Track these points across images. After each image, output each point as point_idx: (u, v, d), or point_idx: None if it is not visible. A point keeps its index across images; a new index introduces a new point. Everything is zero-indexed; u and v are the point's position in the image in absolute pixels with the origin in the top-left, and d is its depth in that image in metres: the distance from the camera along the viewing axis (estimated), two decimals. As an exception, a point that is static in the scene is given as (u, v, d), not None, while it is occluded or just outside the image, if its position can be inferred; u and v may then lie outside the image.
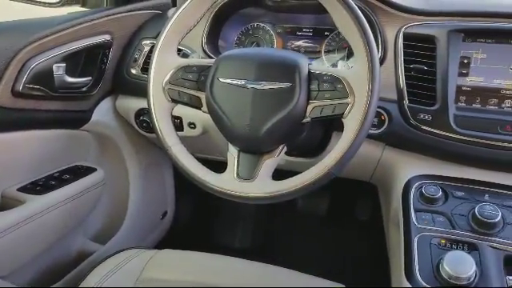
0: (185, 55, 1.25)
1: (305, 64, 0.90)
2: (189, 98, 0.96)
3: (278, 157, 0.95)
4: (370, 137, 1.11)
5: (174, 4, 1.50)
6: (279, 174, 0.93)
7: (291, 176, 0.89)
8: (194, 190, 0.99)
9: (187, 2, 0.95)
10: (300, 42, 1.32)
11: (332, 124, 1.16)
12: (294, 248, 1.87)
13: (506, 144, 1.00)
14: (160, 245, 1.78)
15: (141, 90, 1.14)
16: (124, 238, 1.52)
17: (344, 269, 1.75)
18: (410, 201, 1.03)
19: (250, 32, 1.36)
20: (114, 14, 1.31)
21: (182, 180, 0.98)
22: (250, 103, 0.89)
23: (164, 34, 0.97)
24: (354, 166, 1.12)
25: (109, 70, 1.32)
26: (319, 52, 1.30)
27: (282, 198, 0.89)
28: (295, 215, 1.95)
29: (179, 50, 1.24)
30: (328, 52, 1.29)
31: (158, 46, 0.97)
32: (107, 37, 1.28)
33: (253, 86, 0.89)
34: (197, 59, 1.18)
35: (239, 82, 0.90)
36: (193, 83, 0.95)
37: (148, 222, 1.69)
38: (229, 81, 0.91)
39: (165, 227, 1.82)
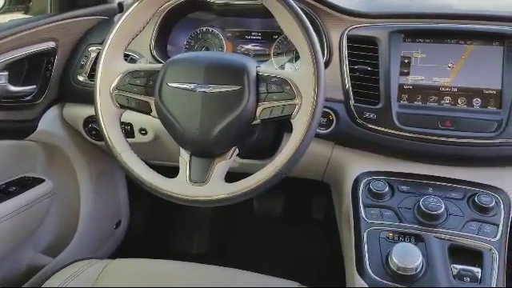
0: (132, 60, 1.24)
1: (253, 67, 0.91)
2: (137, 103, 0.95)
3: (230, 159, 0.96)
4: (320, 136, 1.14)
5: (121, 9, 1.48)
6: (235, 177, 0.93)
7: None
8: (149, 196, 0.97)
9: (132, 8, 0.95)
10: (249, 46, 1.34)
11: (283, 125, 1.18)
12: (251, 250, 1.88)
13: (445, 138, 1.05)
14: (115, 255, 1.73)
15: (88, 97, 1.11)
16: (76, 250, 1.48)
17: (302, 268, 1.77)
18: (359, 197, 1.06)
19: (200, 36, 1.36)
20: (58, 21, 1.28)
21: (136, 187, 0.97)
22: (199, 107, 0.89)
23: (110, 40, 0.95)
24: (306, 166, 1.14)
25: (54, 77, 1.29)
26: (268, 55, 1.32)
27: (235, 199, 0.89)
28: (252, 217, 1.96)
29: (127, 56, 1.23)
30: (277, 55, 1.31)
31: (104, 52, 0.95)
32: (52, 44, 1.25)
33: (202, 89, 0.89)
34: (144, 64, 1.18)
35: (188, 86, 0.90)
36: (141, 88, 0.95)
37: (101, 232, 1.65)
38: (177, 85, 0.91)
39: (119, 236, 1.78)
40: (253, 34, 1.34)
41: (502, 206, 1.02)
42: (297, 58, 1.27)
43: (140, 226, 1.91)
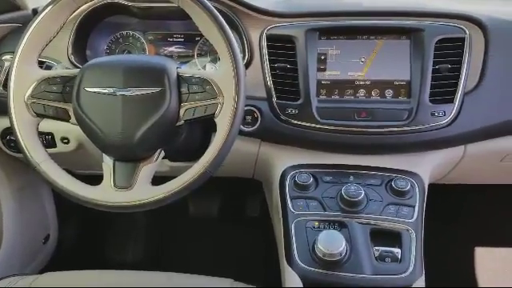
0: (48, 67, 1.20)
1: (173, 68, 0.92)
2: (55, 110, 0.92)
3: (156, 162, 0.95)
4: (246, 134, 1.16)
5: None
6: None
7: None
8: (78, 207, 0.95)
9: (43, 13, 0.92)
10: (172, 48, 1.34)
11: (211, 125, 1.19)
12: (189, 252, 1.87)
13: (362, 129, 1.11)
14: (45, 271, 1.66)
15: (4, 108, 1.07)
16: (1, 269, 1.40)
17: (240, 266, 1.79)
18: (286, 190, 1.10)
19: (120, 40, 1.34)
20: (-34, 30, 1.21)
21: (64, 199, 0.94)
22: (120, 111, 0.88)
23: (21, 46, 0.92)
24: (235, 164, 1.17)
25: None
26: (192, 56, 1.33)
27: (163, 202, 0.89)
28: (188, 220, 1.95)
29: (42, 63, 1.19)
30: (200, 56, 1.32)
31: (16, 60, 0.92)
32: None
33: (122, 92, 0.88)
34: (60, 70, 1.14)
35: (107, 90, 0.89)
36: (58, 95, 0.92)
37: (28, 248, 1.57)
38: (96, 90, 0.89)
39: (49, 251, 1.70)
40: (175, 36, 1.34)
41: (416, 188, 1.10)
42: (219, 58, 1.28)
43: (71, 238, 1.84)
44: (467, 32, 1.12)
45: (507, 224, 1.85)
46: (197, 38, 1.32)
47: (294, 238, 1.01)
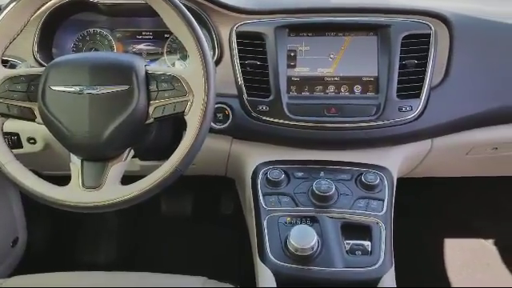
0: (12, 66, 1.17)
1: (141, 65, 0.91)
2: (19, 110, 0.90)
3: (126, 161, 0.94)
4: (218, 132, 1.16)
5: None
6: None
7: None
8: (48, 209, 0.93)
9: (6, 11, 0.90)
10: (141, 46, 1.32)
11: (182, 123, 1.18)
12: (163, 253, 1.86)
13: (331, 125, 1.12)
14: (14, 275, 1.62)
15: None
16: (-33, 275, 1.36)
17: (215, 264, 1.79)
18: (258, 186, 1.11)
19: (87, 38, 1.31)
20: None
21: (33, 201, 0.92)
22: (87, 110, 0.87)
23: None
24: (207, 162, 1.16)
25: None
26: (162, 54, 1.31)
27: (133, 201, 0.89)
28: (161, 219, 1.94)
29: (6, 61, 1.15)
30: (170, 53, 1.31)
31: None
32: None
33: (88, 91, 0.87)
34: (25, 68, 1.12)
35: (73, 89, 0.87)
36: (22, 94, 0.90)
37: (-5, 253, 1.54)
38: (62, 88, 0.88)
39: (17, 254, 1.66)
40: (143, 33, 1.32)
41: (385, 182, 1.12)
42: (188, 55, 1.28)
43: (41, 241, 1.80)
44: (433, 28, 1.14)
45: (474, 215, 1.91)
46: (166, 36, 1.31)
47: (266, 234, 1.01)
